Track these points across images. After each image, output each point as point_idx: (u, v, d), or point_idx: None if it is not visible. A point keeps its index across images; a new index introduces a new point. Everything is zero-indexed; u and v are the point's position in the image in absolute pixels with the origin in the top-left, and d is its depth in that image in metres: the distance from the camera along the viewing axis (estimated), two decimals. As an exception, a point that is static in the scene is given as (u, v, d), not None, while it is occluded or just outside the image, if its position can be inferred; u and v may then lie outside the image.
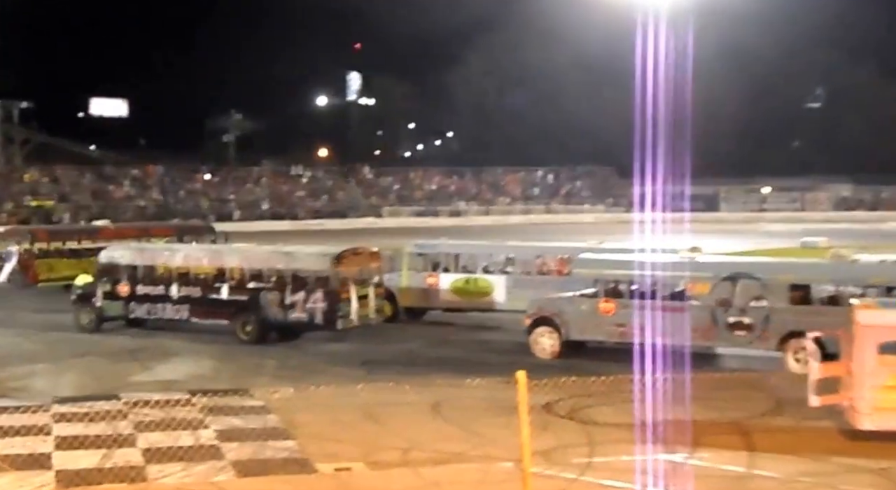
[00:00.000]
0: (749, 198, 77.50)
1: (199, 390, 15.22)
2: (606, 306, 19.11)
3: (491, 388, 14.23)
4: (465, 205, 75.92)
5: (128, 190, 69.34)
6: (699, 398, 14.23)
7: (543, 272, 24.25)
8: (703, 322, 18.26)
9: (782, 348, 17.80)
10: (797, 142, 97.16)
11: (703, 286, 18.45)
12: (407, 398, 14.51)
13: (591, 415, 14.23)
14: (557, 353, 19.39)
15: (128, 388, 16.69)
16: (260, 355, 20.11)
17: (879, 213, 70.48)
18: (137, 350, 20.75)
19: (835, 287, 17.97)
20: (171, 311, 22.52)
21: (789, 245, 43.22)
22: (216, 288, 22.18)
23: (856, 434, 13.04)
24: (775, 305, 17.85)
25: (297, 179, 76.54)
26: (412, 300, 24.67)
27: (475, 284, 24.32)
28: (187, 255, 23.28)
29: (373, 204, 74.07)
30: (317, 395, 13.77)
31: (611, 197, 78.52)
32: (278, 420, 13.90)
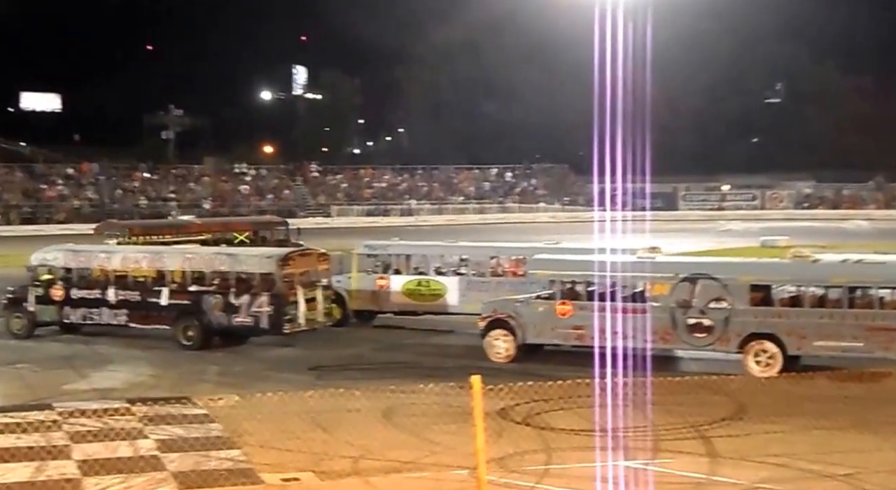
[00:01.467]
0: (709, 196, 78.02)
1: (138, 399, 14.93)
2: (563, 308, 18.86)
3: (444, 394, 14.02)
4: (417, 204, 75.48)
5: (61, 189, 67.70)
6: (659, 402, 14.06)
7: (498, 273, 23.90)
8: (663, 324, 18.07)
9: (743, 350, 17.61)
10: (757, 137, 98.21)
11: (662, 287, 18.21)
12: (357, 405, 14.23)
13: (547, 420, 13.99)
14: (513, 357, 19.15)
15: (62, 396, 16.25)
16: (202, 362, 19.72)
17: (841, 211, 71.26)
18: (72, 357, 20.27)
19: (796, 287, 17.80)
20: (109, 315, 21.97)
21: (749, 244, 43.54)
22: (156, 291, 21.63)
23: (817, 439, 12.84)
24: (735, 306, 17.68)
25: (240, 177, 75.52)
26: (362, 303, 24.27)
27: (427, 286, 23.96)
28: (125, 257, 22.68)
29: (320, 203, 73.32)
30: (263, 403, 13.34)
31: (567, 195, 78.57)
32: (222, 429, 13.54)
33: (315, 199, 74.17)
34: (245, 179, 75.30)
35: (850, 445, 12.75)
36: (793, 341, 17.20)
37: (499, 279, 23.45)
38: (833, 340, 16.98)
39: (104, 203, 67.05)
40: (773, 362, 17.27)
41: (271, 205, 71.39)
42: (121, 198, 68.29)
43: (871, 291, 17.05)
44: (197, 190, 71.82)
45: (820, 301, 17.47)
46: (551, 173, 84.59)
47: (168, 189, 70.84)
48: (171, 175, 73.43)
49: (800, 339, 17.17)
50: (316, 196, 74.80)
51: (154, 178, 72.15)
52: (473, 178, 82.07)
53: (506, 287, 22.35)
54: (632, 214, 47.12)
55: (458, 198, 78.09)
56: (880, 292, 16.99)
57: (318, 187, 76.62)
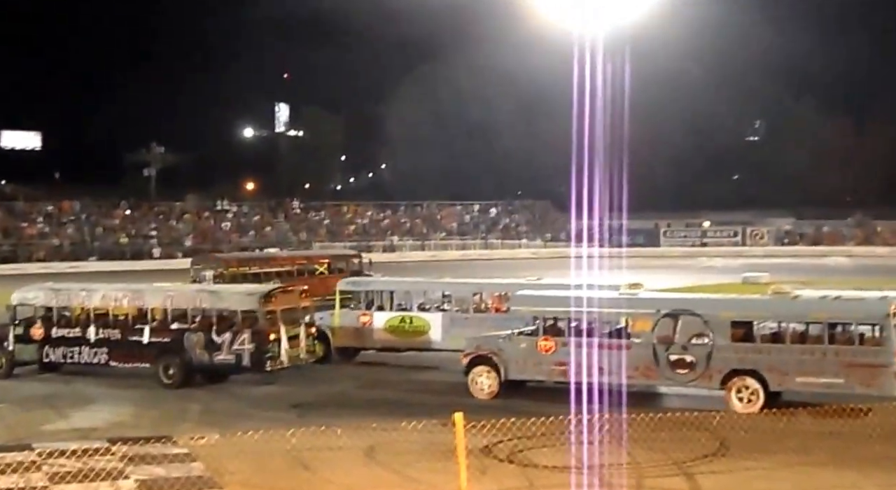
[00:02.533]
0: (690, 232, 78.38)
1: (118, 438, 14.76)
2: (546, 344, 18.79)
3: (428, 431, 13.91)
4: (400, 240, 75.43)
5: (41, 227, 67.25)
6: (641, 439, 14.03)
7: (481, 309, 23.84)
8: (645, 360, 18.07)
9: (725, 387, 17.61)
10: (737, 175, 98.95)
11: (645, 323, 18.21)
12: (340, 443, 14.03)
13: (531, 457, 13.93)
14: (496, 393, 19.07)
15: (42, 437, 16.03)
16: (184, 400, 19.52)
17: (821, 248, 71.56)
18: (52, 396, 20.02)
19: (777, 323, 17.86)
20: (89, 354, 21.78)
21: (731, 280, 43.61)
22: (137, 329, 21.48)
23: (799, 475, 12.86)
24: (717, 343, 17.70)
25: (222, 214, 75.32)
26: (345, 340, 24.14)
27: (410, 323, 23.84)
28: (105, 295, 22.43)
29: (302, 239, 73.15)
30: (245, 442, 13.28)
31: (549, 231, 78.74)
32: (204, 468, 13.39)
33: (297, 235, 73.97)
34: (227, 216, 75.10)
35: (832, 481, 12.77)
36: (774, 377, 17.23)
37: (482, 315, 23.38)
38: (814, 377, 17.01)
39: (85, 241, 66.64)
40: (754, 398, 17.27)
41: (253, 242, 71.16)
42: (102, 236, 67.88)
43: (851, 327, 17.11)
44: (178, 227, 71.53)
45: (801, 337, 17.53)
46: (533, 209, 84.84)
47: (149, 226, 70.50)
48: (153, 212, 73.13)
49: (781, 376, 17.19)
50: (298, 232, 74.61)
51: (135, 216, 71.80)
52: (456, 214, 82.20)
53: (489, 323, 22.18)
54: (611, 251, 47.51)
55: (441, 234, 78.13)
56: (860, 328, 17.04)
57: (300, 224, 76.49)
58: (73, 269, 57.26)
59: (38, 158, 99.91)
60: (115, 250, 65.60)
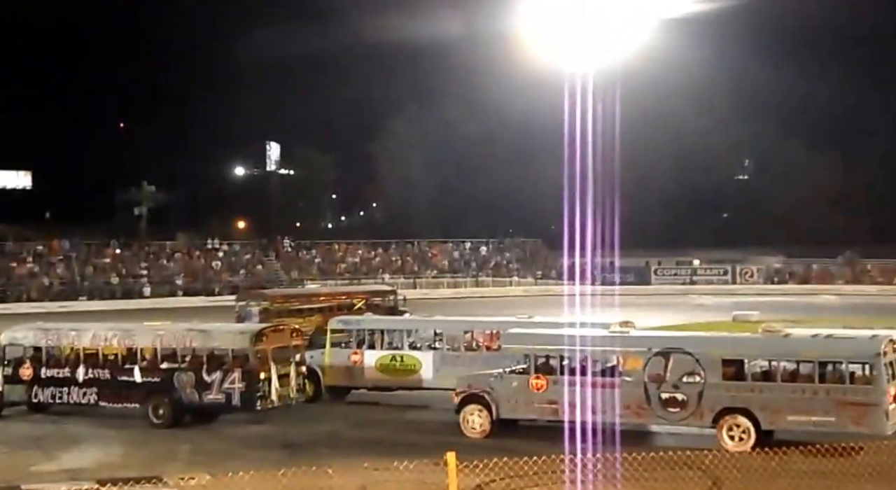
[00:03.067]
0: (679, 270, 78.50)
1: (108, 479, 14.45)
2: (537, 382, 18.73)
3: (419, 471, 13.85)
4: (391, 278, 75.36)
5: (31, 266, 66.89)
6: (633, 478, 13.95)
7: (472, 348, 23.72)
8: (636, 398, 18.02)
9: (717, 425, 17.56)
10: (727, 213, 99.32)
11: (636, 361, 18.19)
12: (331, 483, 14.00)
13: (523, 498, 13.72)
14: (488, 432, 18.99)
15: (30, 478, 15.96)
16: (174, 440, 19.37)
17: (810, 286, 71.77)
18: (41, 437, 19.85)
19: (768, 362, 17.82)
20: (78, 394, 21.61)
21: (721, 318, 43.59)
22: (126, 369, 21.33)
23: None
24: (709, 381, 17.67)
25: (213, 253, 75.09)
26: (335, 378, 23.99)
27: (401, 361, 23.72)
28: (95, 334, 22.26)
29: (294, 278, 72.96)
30: (235, 482, 13.12)
31: (539, 269, 78.73)
32: None
33: (288, 274, 73.79)
34: (218, 255, 74.93)
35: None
36: (766, 416, 17.20)
37: (473, 354, 23.26)
38: (805, 415, 16.99)
39: (75, 280, 66.34)
40: (746, 437, 17.24)
41: (244, 281, 70.91)
42: (91, 275, 67.61)
43: (842, 366, 17.10)
44: (169, 266, 71.33)
45: (792, 376, 17.50)
46: (524, 247, 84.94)
47: (140, 265, 70.23)
48: (144, 251, 72.92)
49: (773, 414, 17.18)
50: (289, 271, 74.41)
51: (126, 255, 71.59)
52: (446, 252, 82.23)
53: (480, 361, 22.16)
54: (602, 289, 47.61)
55: (432, 272, 78.08)
56: (851, 367, 17.05)
57: (291, 262, 76.30)
58: (64, 308, 56.96)
59: (28, 198, 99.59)
60: (105, 289, 65.21)
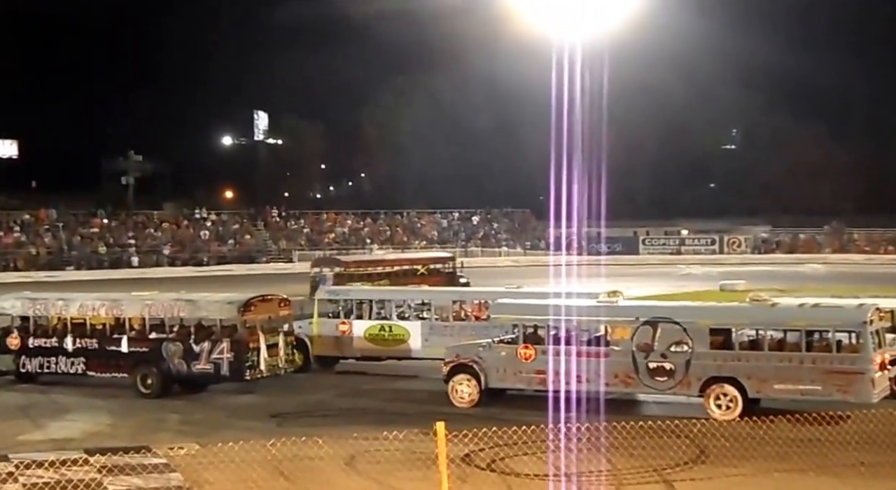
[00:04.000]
0: (668, 240, 78.87)
1: (96, 449, 14.74)
2: (526, 352, 18.81)
3: (408, 440, 13.97)
4: (380, 247, 75.41)
5: (18, 236, 66.71)
6: (621, 446, 14.10)
7: (461, 318, 23.83)
8: (624, 368, 18.12)
9: (704, 394, 17.69)
10: (714, 183, 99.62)
11: (624, 331, 18.27)
12: (319, 452, 13.93)
13: (511, 465, 13.97)
14: (476, 402, 19.07)
15: (18, 447, 15.91)
16: (162, 410, 19.41)
17: (797, 256, 72.30)
18: (29, 406, 19.86)
19: (755, 331, 17.95)
20: (66, 364, 21.64)
21: (708, 288, 43.85)
22: (114, 339, 21.34)
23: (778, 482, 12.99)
24: (696, 350, 17.77)
25: (201, 223, 74.96)
26: (324, 348, 24.06)
27: (390, 331, 23.79)
28: (83, 304, 22.24)
29: (282, 248, 72.94)
30: (224, 452, 13.16)
31: (528, 240, 78.92)
32: (182, 479, 13.37)
33: (276, 244, 73.76)
34: (206, 225, 74.79)
35: (810, 488, 12.90)
36: (753, 385, 17.32)
37: (462, 323, 23.40)
38: (792, 383, 17.11)
39: (62, 250, 66.17)
40: (733, 405, 17.36)
41: (232, 250, 70.91)
42: (79, 245, 67.43)
43: (829, 335, 17.23)
44: (157, 236, 71.18)
45: (779, 345, 17.63)
46: (513, 218, 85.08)
47: (127, 235, 70.07)
48: (131, 221, 72.73)
49: (760, 383, 17.30)
50: (277, 241, 74.40)
51: (113, 225, 71.41)
52: (435, 223, 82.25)
53: (468, 331, 22.32)
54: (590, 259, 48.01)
55: (421, 242, 78.13)
56: (837, 336, 17.18)
57: (279, 232, 76.24)
58: (51, 278, 56.95)
59: (14, 167, 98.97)
60: (92, 259, 65.14)
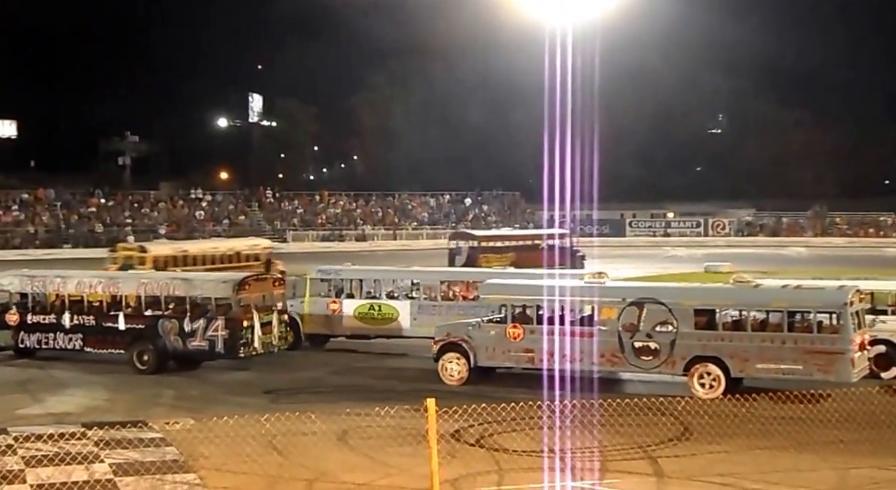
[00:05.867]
0: (654, 223, 79.15)
1: (93, 423, 14.82)
2: (514, 332, 19.06)
3: (399, 417, 14.12)
4: (372, 229, 75.52)
5: (16, 214, 66.77)
6: (607, 424, 14.29)
7: (448, 298, 24.04)
8: (610, 347, 18.34)
9: (688, 373, 17.95)
10: (700, 167, 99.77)
11: (610, 311, 18.53)
12: (312, 428, 14.20)
13: (500, 442, 14.16)
14: (466, 380, 19.30)
15: (17, 421, 16.06)
16: (158, 385, 19.57)
17: (780, 239, 72.70)
18: (27, 381, 20.02)
19: (738, 312, 18.20)
20: (64, 340, 21.81)
21: (694, 269, 44.07)
22: (111, 316, 21.51)
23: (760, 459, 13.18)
24: (681, 330, 18.01)
25: (196, 203, 75.02)
26: (315, 326, 24.25)
27: (379, 310, 24.05)
28: (80, 281, 22.40)
29: (276, 228, 73.08)
30: (218, 426, 13.28)
31: (518, 221, 79.10)
32: (178, 452, 13.53)
33: (271, 224, 73.88)
34: (201, 205, 74.85)
35: (791, 465, 13.07)
36: (736, 364, 17.58)
37: (449, 303, 23.63)
38: (774, 363, 17.36)
39: (60, 228, 66.25)
40: (716, 384, 17.62)
41: (227, 230, 71.02)
42: (76, 223, 67.55)
43: (810, 316, 17.47)
44: (153, 215, 71.27)
45: (761, 325, 17.88)
46: (502, 200, 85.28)
47: (124, 215, 70.16)
48: (128, 201, 72.77)
49: (742, 362, 17.55)
50: (272, 221, 74.50)
51: (110, 204, 71.48)
52: (426, 204, 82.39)
53: (456, 311, 22.57)
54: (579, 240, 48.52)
55: (412, 223, 78.26)
56: (818, 317, 17.42)
57: (273, 213, 76.32)
58: (49, 255, 56.89)
59: (13, 147, 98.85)
60: (89, 238, 65.20)
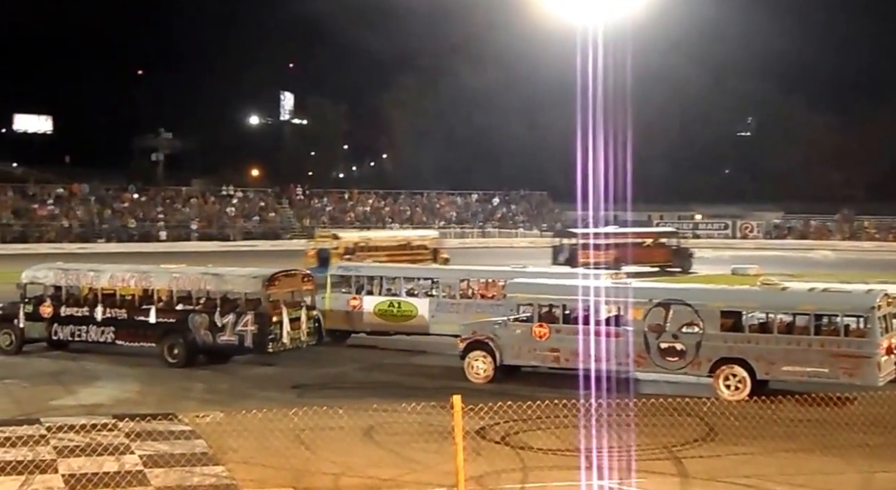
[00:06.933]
0: (681, 224, 78.79)
1: (123, 414, 15.01)
2: (540, 331, 19.10)
3: (425, 413, 14.09)
4: (399, 227, 75.76)
5: (51, 208, 67.66)
6: (632, 423, 14.24)
7: (467, 295, 24.13)
8: (636, 347, 18.33)
9: (713, 374, 17.92)
10: (728, 169, 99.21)
11: (637, 312, 18.53)
12: (339, 423, 14.27)
13: (524, 440, 14.19)
14: (491, 378, 19.35)
15: (50, 412, 16.25)
16: (188, 379, 19.74)
17: (808, 242, 72.11)
18: (60, 373, 20.26)
19: (765, 314, 18.14)
20: (96, 333, 22.08)
21: (721, 272, 43.89)
22: (143, 310, 21.77)
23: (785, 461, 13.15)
24: (707, 331, 17.98)
25: (227, 199, 75.65)
26: (335, 322, 24.36)
27: (398, 307, 24.19)
28: (113, 275, 22.68)
29: (305, 225, 73.52)
30: (247, 420, 13.42)
31: (545, 221, 79.08)
32: (206, 445, 13.63)
33: (300, 221, 74.32)
34: (232, 201, 75.44)
35: (816, 467, 13.03)
36: (761, 366, 17.53)
37: (468, 301, 23.74)
38: (800, 366, 17.30)
39: (93, 223, 67.03)
40: (742, 386, 17.58)
41: (257, 226, 71.61)
42: (110, 218, 68.33)
43: (837, 319, 17.40)
44: (184, 211, 71.90)
45: (788, 328, 17.81)
46: (530, 200, 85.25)
47: (156, 210, 70.88)
48: (160, 196, 73.49)
49: (768, 364, 17.50)
50: (301, 218, 74.93)
51: (143, 200, 72.24)
52: (454, 204, 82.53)
53: (474, 309, 22.74)
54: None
55: (440, 222, 78.44)
56: (845, 320, 17.32)
57: (303, 210, 76.74)
58: (82, 250, 57.44)
59: (49, 142, 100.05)
60: (122, 232, 66.02)
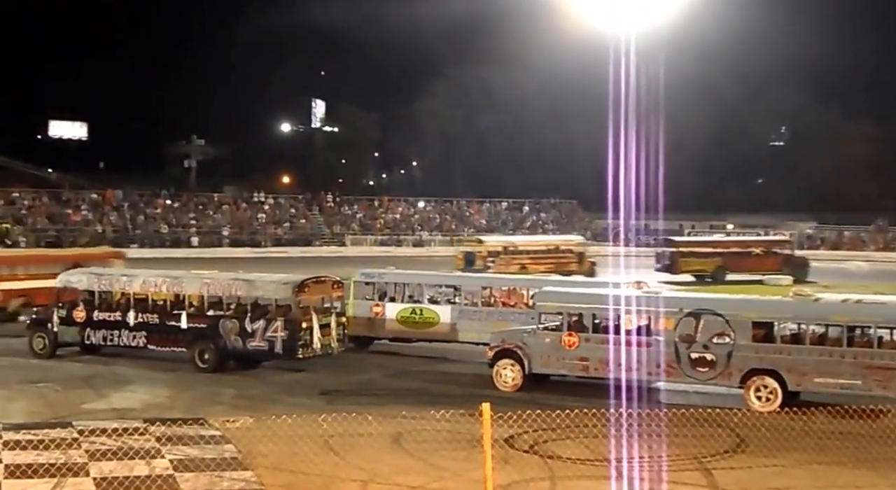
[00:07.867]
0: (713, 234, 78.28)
1: (154, 419, 15.12)
2: (569, 340, 19.07)
3: (453, 421, 14.16)
4: (429, 234, 75.86)
5: (85, 214, 68.40)
6: (662, 434, 14.21)
7: (489, 303, 24.13)
8: (666, 357, 18.25)
9: (744, 385, 17.81)
10: (761, 179, 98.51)
11: (667, 321, 18.44)
12: (368, 429, 14.30)
13: (553, 449, 14.16)
14: (520, 386, 19.33)
15: (81, 415, 16.41)
16: (218, 384, 19.86)
17: (841, 252, 71.36)
18: (92, 377, 20.46)
19: (797, 325, 18.02)
20: (128, 337, 22.26)
21: (752, 282, 43.52)
22: (174, 315, 21.92)
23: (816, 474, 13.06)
24: (738, 342, 17.88)
25: (259, 206, 76.14)
26: (358, 329, 24.41)
27: (421, 314, 24.24)
28: (145, 281, 22.89)
29: (336, 232, 73.83)
30: (276, 425, 13.39)
31: (575, 230, 78.84)
32: (236, 450, 13.70)
33: (330, 228, 74.65)
34: (263, 208, 75.92)
35: (848, 480, 12.93)
36: (793, 377, 17.39)
37: (490, 309, 23.77)
38: (832, 378, 17.17)
39: (127, 229, 67.70)
40: (773, 397, 17.46)
41: (288, 233, 72.01)
42: (142, 224, 69.02)
43: (870, 331, 17.24)
44: (216, 217, 72.45)
45: (820, 339, 17.68)
46: (560, 208, 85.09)
47: (188, 216, 71.46)
48: (192, 203, 74.11)
49: (800, 376, 17.37)
50: (331, 225, 75.26)
51: (175, 206, 72.89)
52: (484, 211, 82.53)
53: (496, 317, 22.80)
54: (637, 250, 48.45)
55: (469, 229, 78.41)
56: (879, 332, 17.18)
57: (333, 217, 77.04)
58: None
59: (83, 148, 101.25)
60: (155, 238, 66.62)
